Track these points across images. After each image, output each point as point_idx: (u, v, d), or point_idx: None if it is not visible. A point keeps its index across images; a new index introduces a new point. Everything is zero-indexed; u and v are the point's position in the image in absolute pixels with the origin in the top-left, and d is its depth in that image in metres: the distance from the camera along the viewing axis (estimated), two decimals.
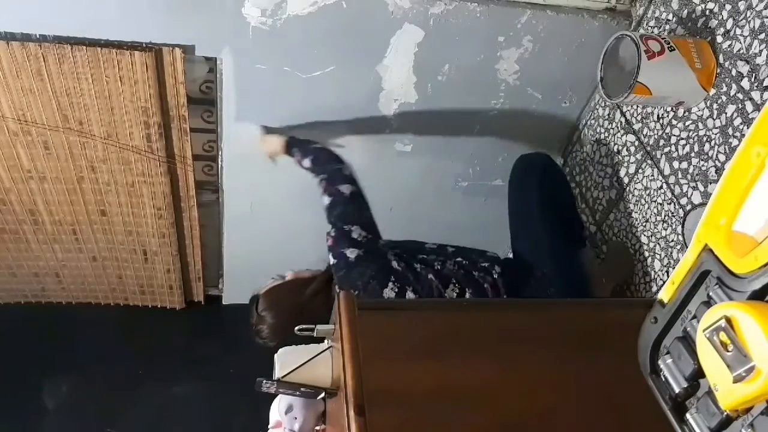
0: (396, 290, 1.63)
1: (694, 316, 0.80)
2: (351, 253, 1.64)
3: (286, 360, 1.24)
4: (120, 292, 2.78)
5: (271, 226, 2.50)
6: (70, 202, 2.35)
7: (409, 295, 1.64)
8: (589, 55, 1.94)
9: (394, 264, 1.66)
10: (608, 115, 2.11)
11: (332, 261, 1.67)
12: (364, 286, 1.63)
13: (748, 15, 1.54)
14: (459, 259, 1.76)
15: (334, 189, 1.75)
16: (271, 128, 2.12)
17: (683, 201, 1.76)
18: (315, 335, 1.26)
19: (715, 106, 1.64)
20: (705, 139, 1.67)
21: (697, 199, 1.71)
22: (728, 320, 0.69)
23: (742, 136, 1.47)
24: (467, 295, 1.69)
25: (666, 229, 1.82)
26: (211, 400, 2.58)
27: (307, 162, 1.88)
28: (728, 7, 1.60)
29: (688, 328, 0.81)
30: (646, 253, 1.90)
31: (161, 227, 2.46)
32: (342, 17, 1.86)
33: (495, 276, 1.73)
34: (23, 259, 2.59)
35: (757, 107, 1.50)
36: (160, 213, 2.40)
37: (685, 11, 1.76)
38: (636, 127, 1.96)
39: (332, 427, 1.30)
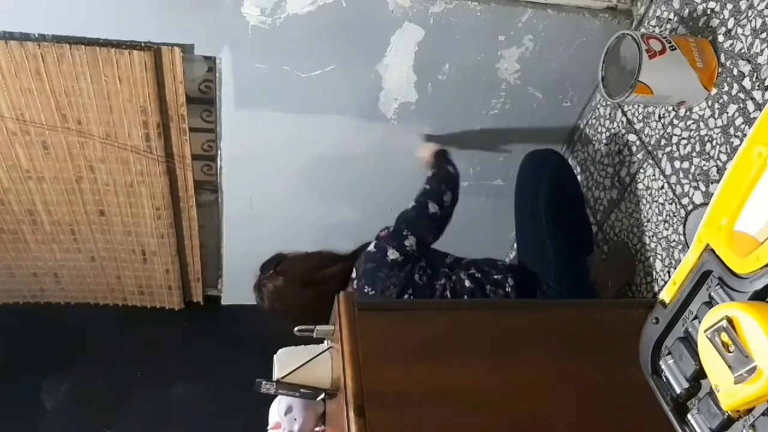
0: None
1: (696, 317, 0.80)
2: (392, 254, 1.69)
3: (285, 361, 1.24)
4: (119, 293, 2.78)
5: (270, 226, 2.50)
6: (69, 202, 2.34)
7: None
8: (590, 54, 1.93)
9: (416, 277, 1.71)
10: (609, 114, 2.11)
11: (371, 249, 1.72)
12: (383, 289, 1.67)
13: (749, 14, 1.53)
14: (472, 271, 1.76)
15: (424, 200, 1.81)
16: (431, 135, 2.19)
17: (685, 201, 1.75)
18: (314, 336, 1.25)
19: (716, 105, 1.63)
20: (706, 138, 1.67)
21: (698, 199, 1.71)
22: (730, 321, 0.69)
23: (744, 135, 1.47)
24: None
25: (667, 229, 1.82)
26: (210, 401, 2.58)
27: (430, 173, 1.94)
28: (729, 6, 1.59)
29: (690, 329, 0.81)
30: (648, 254, 1.90)
31: (160, 227, 2.46)
32: (342, 16, 1.86)
33: (508, 289, 1.74)
34: (22, 260, 2.58)
35: (759, 107, 1.50)
36: (158, 213, 2.40)
37: (687, 10, 1.75)
38: (637, 126, 1.96)
39: (332, 428, 1.30)
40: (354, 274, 1.74)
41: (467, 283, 1.73)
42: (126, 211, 2.39)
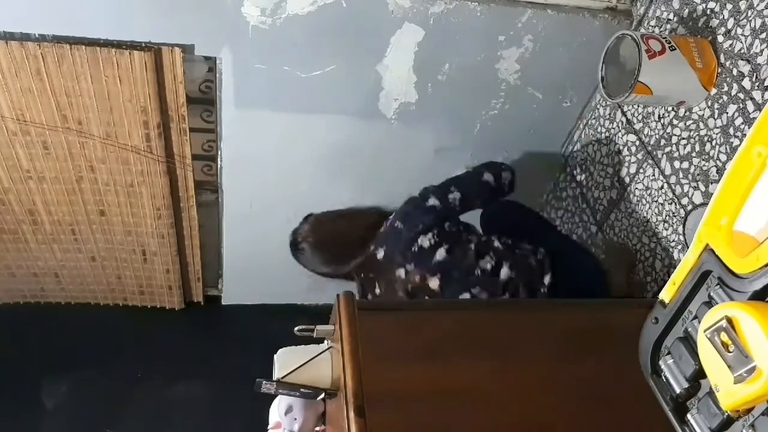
0: (431, 242, 1.68)
1: (695, 317, 0.80)
2: (432, 201, 1.74)
3: (285, 361, 1.24)
4: (119, 293, 2.78)
5: (270, 226, 2.50)
6: (69, 202, 2.34)
7: (440, 251, 1.68)
8: (590, 54, 1.93)
9: (446, 225, 1.73)
10: (609, 114, 2.11)
11: (414, 195, 1.78)
12: (411, 227, 1.70)
13: (749, 14, 1.53)
14: (504, 239, 1.76)
15: (480, 170, 1.86)
16: None
17: (684, 201, 1.75)
18: (315, 336, 1.25)
19: (716, 105, 1.63)
20: (706, 138, 1.67)
21: (698, 199, 1.71)
22: (729, 320, 0.69)
23: (744, 135, 1.47)
24: (503, 270, 1.68)
25: (667, 229, 1.82)
26: (210, 401, 2.58)
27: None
28: (729, 6, 1.59)
29: (689, 329, 0.81)
30: (647, 254, 1.90)
31: (160, 227, 2.46)
32: (342, 16, 1.86)
33: (540, 257, 1.72)
34: (22, 260, 2.58)
35: (759, 107, 1.50)
36: (159, 213, 2.40)
37: (686, 10, 1.75)
38: (637, 126, 1.96)
39: (332, 427, 1.30)
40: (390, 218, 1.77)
41: (496, 244, 1.72)
42: (126, 211, 2.40)
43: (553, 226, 1.99)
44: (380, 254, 1.74)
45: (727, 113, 1.60)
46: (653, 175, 1.87)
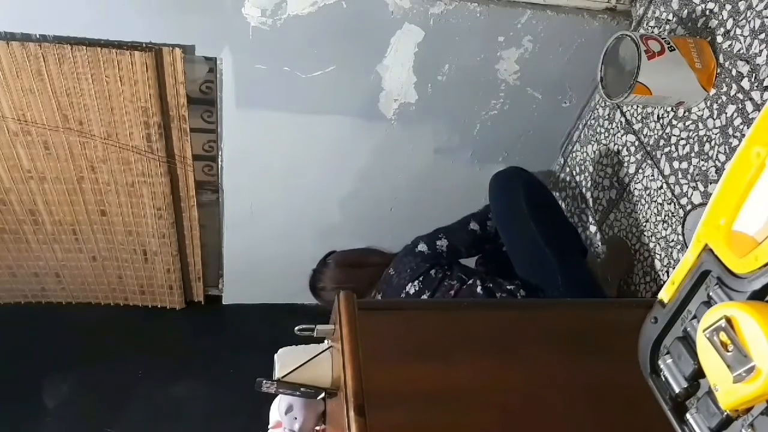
0: (416, 288, 1.78)
1: (695, 316, 0.80)
2: (421, 246, 1.86)
3: (286, 360, 1.24)
4: (120, 292, 2.79)
5: (271, 226, 2.50)
6: (70, 202, 2.35)
7: (423, 298, 1.77)
8: (589, 55, 1.94)
9: (432, 272, 1.80)
10: (608, 115, 2.11)
11: (411, 240, 1.91)
12: (400, 272, 1.83)
13: (748, 15, 1.54)
14: (488, 284, 1.77)
15: (468, 218, 1.99)
16: None
17: (683, 201, 1.76)
18: (315, 335, 1.26)
19: (715, 106, 1.64)
20: (705, 139, 1.67)
21: (697, 199, 1.71)
22: (728, 320, 0.69)
23: (743, 136, 1.47)
24: None
25: (666, 229, 1.82)
26: (211, 400, 2.58)
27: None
28: (728, 7, 1.60)
29: (689, 328, 0.81)
30: (646, 253, 1.90)
31: (161, 227, 2.46)
32: (342, 17, 1.86)
33: (519, 297, 1.75)
34: (23, 259, 2.59)
35: (757, 107, 1.50)
36: (160, 213, 2.40)
37: (685, 11, 1.76)
38: (636, 127, 1.97)
39: (332, 427, 1.30)
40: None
41: (478, 289, 1.75)
42: (127, 211, 2.40)
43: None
44: (379, 299, 1.87)
45: (726, 113, 1.60)
46: (652, 175, 1.88)
